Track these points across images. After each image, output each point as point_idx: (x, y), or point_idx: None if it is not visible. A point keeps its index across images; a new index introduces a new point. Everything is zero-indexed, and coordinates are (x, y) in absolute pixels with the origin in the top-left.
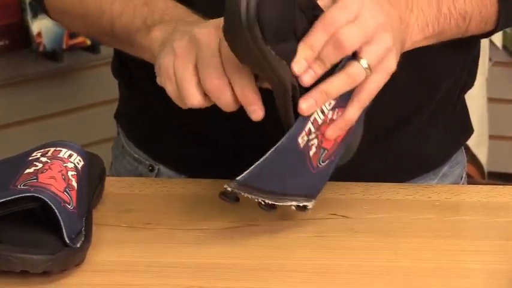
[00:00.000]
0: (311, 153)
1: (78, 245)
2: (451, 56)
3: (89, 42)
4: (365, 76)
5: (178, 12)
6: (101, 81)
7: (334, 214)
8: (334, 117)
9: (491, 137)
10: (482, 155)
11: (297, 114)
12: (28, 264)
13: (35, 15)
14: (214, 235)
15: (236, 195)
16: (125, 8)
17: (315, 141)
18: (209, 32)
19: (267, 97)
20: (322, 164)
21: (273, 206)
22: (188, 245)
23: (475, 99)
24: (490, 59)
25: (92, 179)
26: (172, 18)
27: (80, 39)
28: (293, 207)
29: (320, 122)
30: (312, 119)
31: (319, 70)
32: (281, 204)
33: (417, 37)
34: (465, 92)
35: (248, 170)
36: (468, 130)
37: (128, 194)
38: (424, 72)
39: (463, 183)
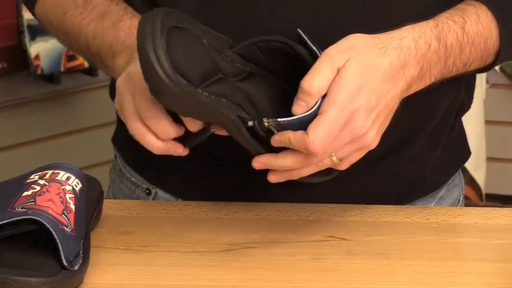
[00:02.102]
0: None
1: (76, 268)
2: (449, 81)
3: (86, 65)
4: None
5: None
6: (98, 104)
7: (332, 236)
8: None
9: (488, 159)
10: (479, 177)
11: (269, 147)
12: (26, 287)
13: (33, 38)
14: (211, 257)
15: (269, 131)
16: (97, 31)
17: None
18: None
19: None
20: None
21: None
22: (185, 267)
23: (473, 122)
24: (487, 81)
25: (90, 202)
26: (133, 44)
27: (77, 62)
28: None
29: None
30: None
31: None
32: None
33: (416, 88)
34: (462, 114)
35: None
36: (466, 152)
37: (125, 217)
38: (423, 99)
39: (460, 206)
